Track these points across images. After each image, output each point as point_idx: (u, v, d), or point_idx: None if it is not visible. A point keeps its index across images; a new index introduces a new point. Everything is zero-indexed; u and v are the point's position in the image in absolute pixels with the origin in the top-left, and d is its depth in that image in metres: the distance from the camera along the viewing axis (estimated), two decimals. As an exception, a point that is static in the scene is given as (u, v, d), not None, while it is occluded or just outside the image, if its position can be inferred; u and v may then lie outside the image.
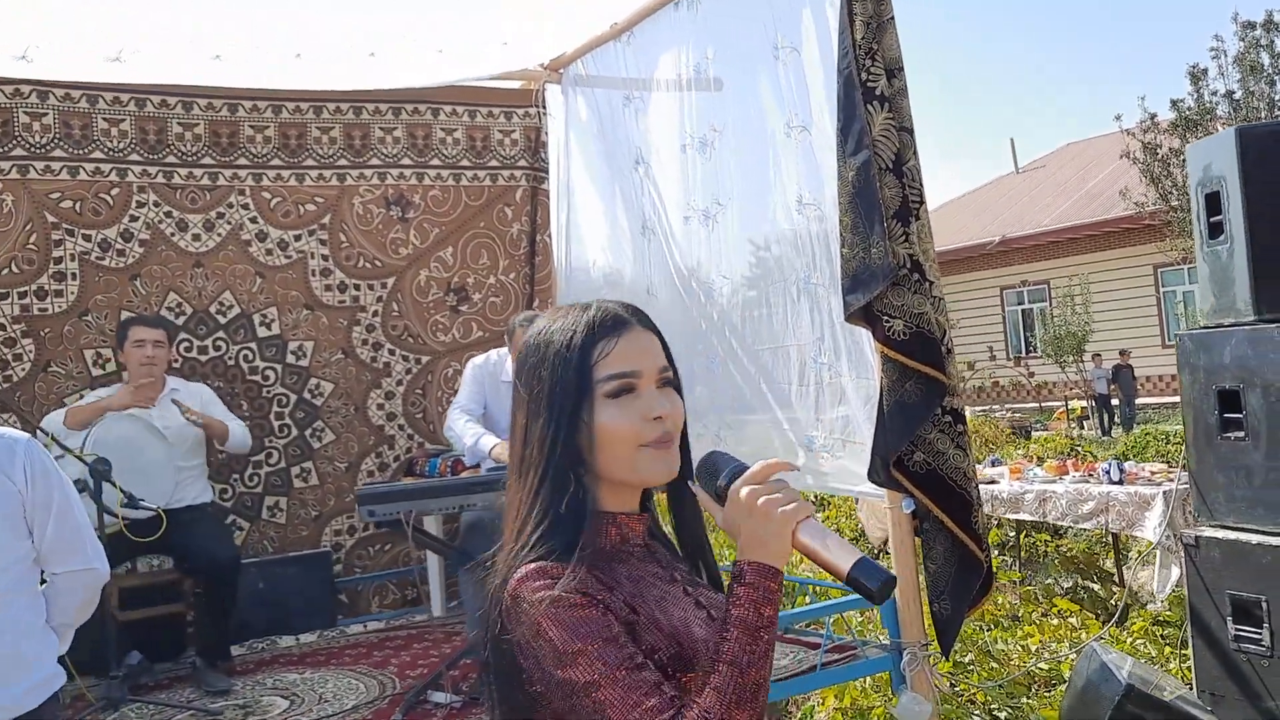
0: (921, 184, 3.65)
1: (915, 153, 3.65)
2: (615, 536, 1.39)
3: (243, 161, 5.07)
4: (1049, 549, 7.12)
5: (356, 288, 5.29)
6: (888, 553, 8.10)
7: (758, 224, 4.49)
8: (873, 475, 3.76)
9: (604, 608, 1.26)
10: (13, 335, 4.63)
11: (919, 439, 3.65)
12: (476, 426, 4.22)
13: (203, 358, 4.97)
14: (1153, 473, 5.82)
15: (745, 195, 4.54)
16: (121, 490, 3.89)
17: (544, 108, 5.64)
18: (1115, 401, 18.35)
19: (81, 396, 4.59)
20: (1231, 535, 4.06)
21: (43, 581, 2.42)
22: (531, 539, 1.31)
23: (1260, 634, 3.91)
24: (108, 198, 4.83)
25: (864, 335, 3.90)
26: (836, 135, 3.66)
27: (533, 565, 1.28)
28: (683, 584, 1.42)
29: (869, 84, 3.60)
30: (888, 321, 3.56)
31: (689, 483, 1.41)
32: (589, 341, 1.35)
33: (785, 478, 1.33)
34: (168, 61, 4.58)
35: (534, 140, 5.68)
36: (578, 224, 5.52)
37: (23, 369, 4.66)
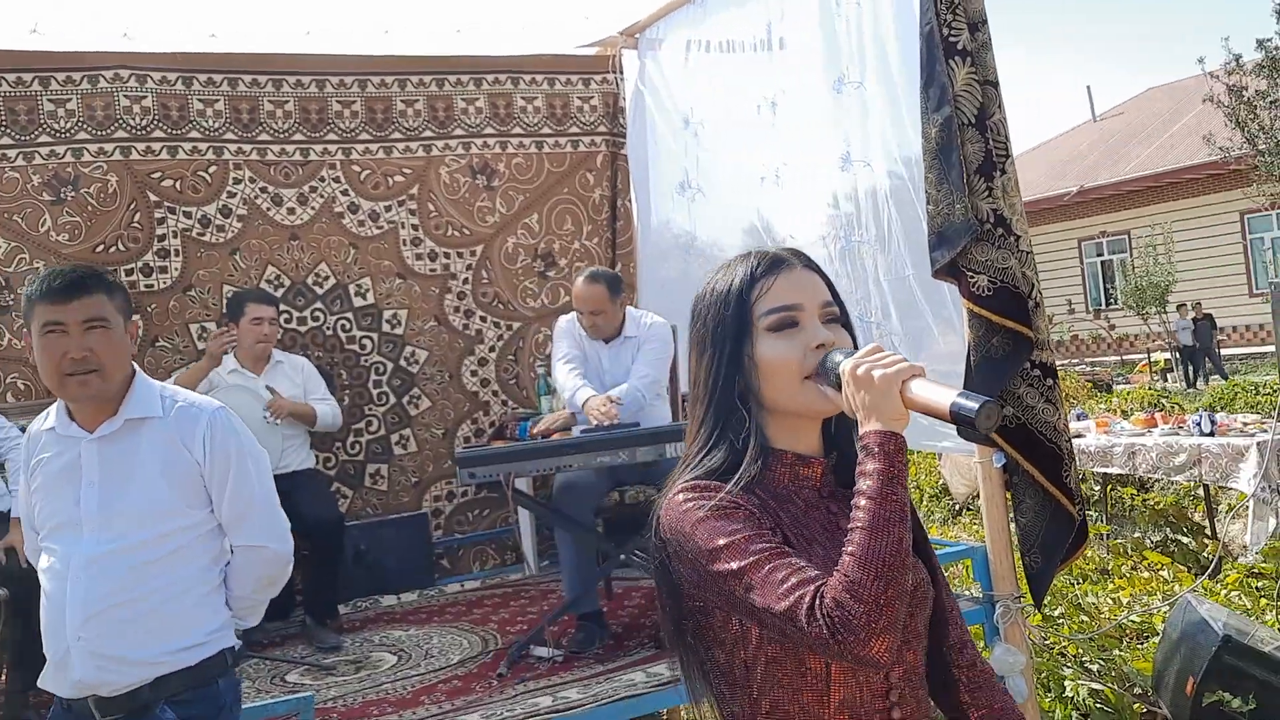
0: (1007, 138, 3.64)
1: (1000, 106, 3.64)
2: (784, 476, 1.43)
3: (332, 136, 5.21)
4: (1136, 502, 7.07)
5: (446, 256, 5.42)
6: (970, 508, 8.09)
7: (818, 182, 4.51)
8: (962, 430, 3.79)
9: (751, 513, 1.33)
10: (122, 311, 4.83)
11: (1008, 394, 3.67)
12: (577, 379, 4.29)
13: (302, 328, 5.15)
14: (1245, 424, 5.75)
15: (807, 153, 4.56)
16: (233, 457, 4.06)
17: (621, 74, 5.71)
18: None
19: (186, 370, 4.78)
20: (1330, 484, 4.02)
21: None
22: (693, 463, 1.41)
23: (1360, 583, 3.89)
24: (206, 175, 5.00)
25: (915, 293, 3.95)
26: (920, 93, 3.67)
27: (689, 482, 1.38)
28: None
29: (950, 39, 3.59)
30: (972, 277, 3.57)
31: (809, 380, 1.40)
32: (749, 282, 1.43)
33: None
34: (260, 37, 4.73)
35: (612, 106, 5.75)
36: (653, 187, 5.60)
37: (132, 345, 4.85)
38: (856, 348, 1.43)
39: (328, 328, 5.21)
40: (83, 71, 4.76)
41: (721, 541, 1.30)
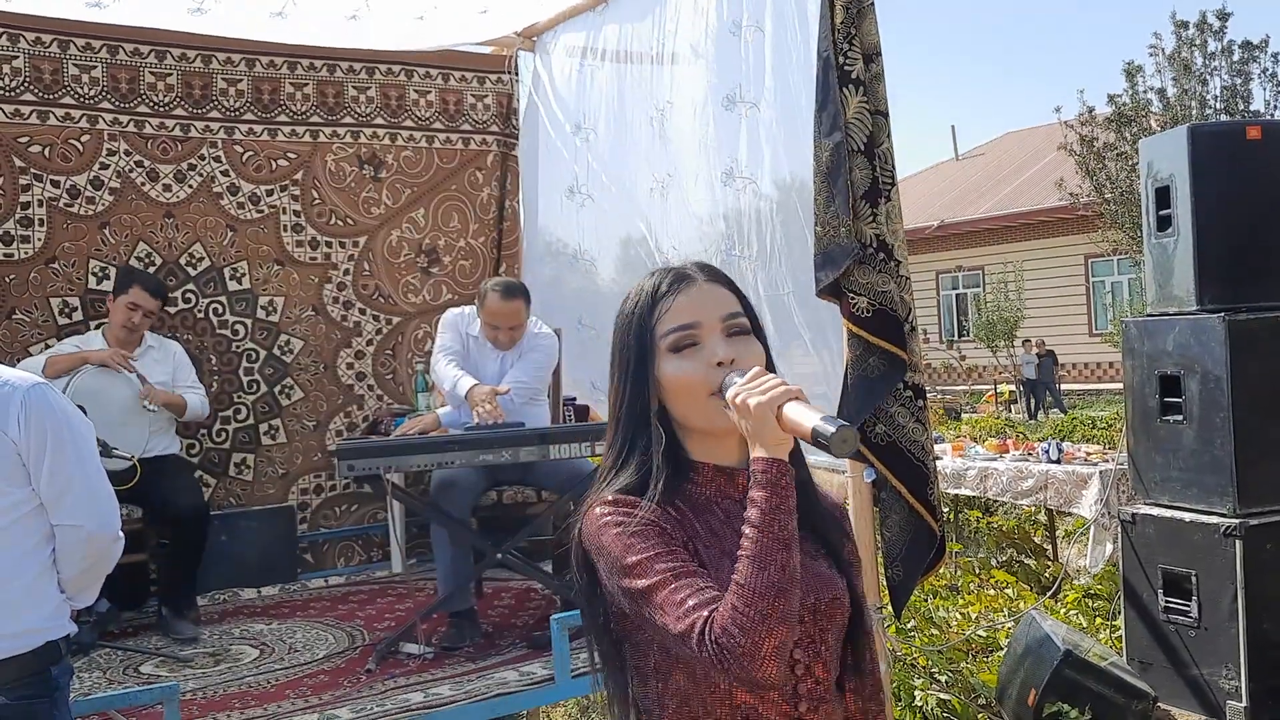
0: (894, 167, 3.77)
1: (889, 136, 3.78)
2: (705, 488, 1.47)
3: (215, 114, 5.05)
4: (981, 524, 7.40)
5: (328, 245, 5.30)
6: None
7: (703, 196, 4.60)
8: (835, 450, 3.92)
9: (664, 530, 1.37)
10: (-23, 280, 4.60)
11: (881, 412, 3.81)
12: (457, 370, 4.21)
13: (172, 310, 4.95)
14: (1089, 453, 6.10)
15: (695, 167, 4.65)
16: (99, 439, 3.90)
17: (516, 75, 5.70)
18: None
19: (47, 345, 4.58)
20: (1166, 513, 4.31)
21: None
22: (607, 479, 1.47)
23: (1188, 606, 4.18)
24: (78, 144, 4.79)
25: (793, 311, 4.09)
26: (815, 116, 3.79)
27: (609, 495, 1.43)
28: None
29: (845, 68, 3.72)
30: (853, 298, 3.71)
31: (714, 397, 1.41)
32: (651, 303, 1.47)
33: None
34: (148, 10, 4.56)
35: (506, 106, 5.73)
36: (543, 190, 5.61)
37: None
38: (770, 356, 1.48)
39: (199, 310, 5.04)
40: (-52, 25, 4.51)
41: (631, 559, 1.34)
